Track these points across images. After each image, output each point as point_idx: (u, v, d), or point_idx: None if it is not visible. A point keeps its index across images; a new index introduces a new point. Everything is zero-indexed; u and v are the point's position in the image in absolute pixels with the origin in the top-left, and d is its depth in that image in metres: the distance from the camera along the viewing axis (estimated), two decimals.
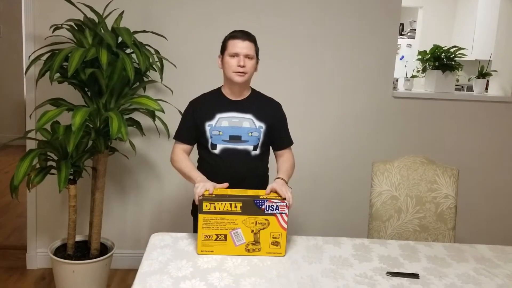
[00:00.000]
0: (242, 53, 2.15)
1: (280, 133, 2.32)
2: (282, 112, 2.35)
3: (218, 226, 1.91)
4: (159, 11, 3.13)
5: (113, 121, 2.46)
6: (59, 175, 2.55)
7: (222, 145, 2.21)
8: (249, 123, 2.22)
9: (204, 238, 1.92)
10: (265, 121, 2.25)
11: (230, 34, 2.21)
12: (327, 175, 3.42)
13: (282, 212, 1.90)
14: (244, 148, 2.22)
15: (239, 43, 2.15)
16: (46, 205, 3.28)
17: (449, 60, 3.52)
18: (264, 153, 2.31)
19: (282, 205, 1.90)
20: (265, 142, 2.27)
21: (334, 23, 3.25)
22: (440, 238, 2.46)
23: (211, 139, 2.21)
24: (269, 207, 1.90)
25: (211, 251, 1.93)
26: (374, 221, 2.47)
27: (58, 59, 2.50)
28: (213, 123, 2.20)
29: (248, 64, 2.17)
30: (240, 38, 2.16)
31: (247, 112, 2.23)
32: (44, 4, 3.04)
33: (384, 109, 3.38)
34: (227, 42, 2.19)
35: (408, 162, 2.53)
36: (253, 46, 2.20)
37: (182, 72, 3.14)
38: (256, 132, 2.23)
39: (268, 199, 1.90)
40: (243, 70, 2.15)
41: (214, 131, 2.20)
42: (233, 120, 2.21)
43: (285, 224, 1.90)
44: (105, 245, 3.03)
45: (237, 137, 2.21)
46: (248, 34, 2.20)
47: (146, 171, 3.29)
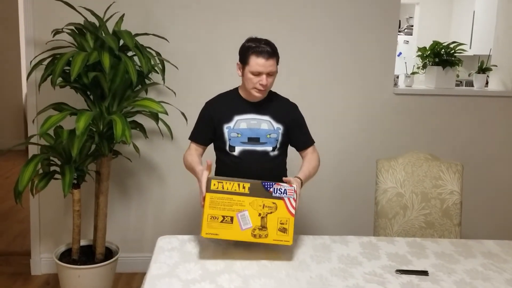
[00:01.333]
0: (265, 72, 2.10)
1: (299, 134, 2.31)
2: (299, 113, 2.34)
3: (225, 207, 1.87)
4: (159, 13, 3.12)
5: (117, 124, 2.46)
6: (63, 179, 2.55)
7: (240, 147, 2.20)
8: (267, 125, 2.21)
9: (210, 219, 1.86)
10: (283, 122, 2.24)
11: (253, 47, 2.09)
12: (330, 172, 3.42)
13: (290, 196, 1.90)
14: (263, 150, 2.22)
15: (263, 62, 2.07)
16: (49, 210, 3.27)
17: (449, 56, 3.53)
18: (282, 153, 2.31)
19: (290, 189, 1.91)
20: (283, 143, 2.27)
21: (334, 21, 3.25)
22: (446, 234, 2.47)
23: (229, 141, 2.20)
24: (277, 190, 1.90)
25: (216, 234, 1.86)
26: (380, 218, 2.48)
27: (60, 64, 2.49)
28: (231, 125, 2.19)
29: (269, 81, 2.13)
30: (264, 56, 2.07)
31: (265, 113, 2.22)
32: (43, 8, 3.03)
33: (386, 106, 3.38)
34: (249, 57, 2.09)
35: (413, 159, 2.53)
36: (275, 61, 2.13)
37: (184, 74, 3.14)
38: (275, 133, 2.22)
39: (276, 182, 1.91)
40: (264, 88, 2.14)
41: (233, 133, 2.19)
42: (251, 122, 2.20)
43: (293, 210, 1.90)
44: (110, 249, 3.03)
45: (256, 139, 2.20)
46: (271, 49, 2.10)
47: (149, 173, 3.29)
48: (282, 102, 2.31)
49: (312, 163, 2.27)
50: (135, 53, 2.64)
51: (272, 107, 2.24)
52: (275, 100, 2.29)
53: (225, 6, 3.16)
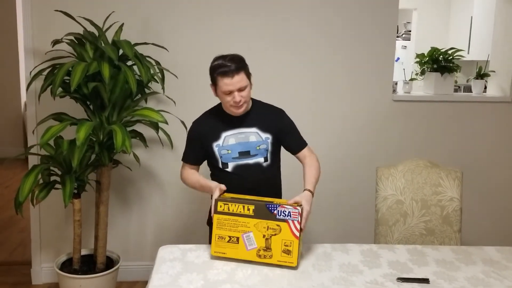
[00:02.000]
0: (235, 89, 2.08)
1: (290, 139, 2.30)
2: (286, 118, 2.32)
3: (231, 228, 1.94)
4: (158, 22, 3.13)
5: (117, 134, 2.46)
6: (64, 190, 2.55)
7: (233, 163, 2.21)
8: (255, 137, 2.22)
9: (218, 239, 1.96)
10: (270, 131, 2.24)
11: (217, 68, 2.09)
12: (329, 179, 3.41)
13: (294, 219, 1.90)
14: (255, 162, 2.22)
15: (229, 81, 2.06)
16: (49, 220, 3.27)
17: (447, 62, 3.54)
18: (275, 161, 2.31)
19: (295, 211, 1.90)
20: (274, 151, 2.28)
21: (332, 27, 3.26)
22: (447, 241, 2.47)
23: (221, 159, 2.21)
24: (281, 212, 1.90)
25: (224, 253, 1.96)
26: (381, 226, 2.48)
27: (60, 74, 2.50)
28: (220, 143, 2.20)
29: (243, 95, 2.10)
30: (228, 75, 2.05)
31: (251, 125, 2.22)
32: (42, 19, 3.04)
33: (385, 112, 3.39)
34: (216, 78, 2.10)
35: (412, 166, 2.54)
36: (244, 75, 2.10)
37: (183, 83, 3.15)
38: (264, 144, 2.23)
39: (281, 205, 1.91)
40: (239, 104, 2.11)
41: (223, 150, 2.20)
42: (239, 136, 2.20)
43: (297, 232, 1.90)
44: (111, 258, 3.03)
45: (246, 153, 2.20)
46: (236, 64, 2.07)
47: (149, 182, 3.29)
48: (267, 110, 2.29)
49: (314, 166, 2.24)
50: (135, 63, 2.65)
51: (257, 118, 2.23)
52: (259, 109, 2.27)
53: (225, 15, 3.17)
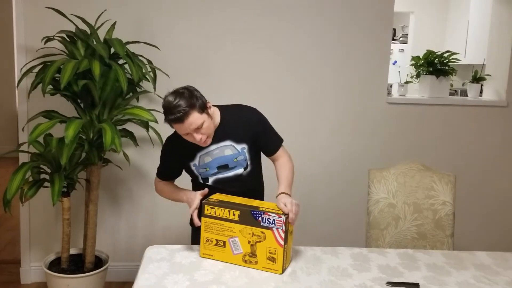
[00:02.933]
0: (191, 131, 1.97)
1: (265, 138, 2.20)
2: (260, 118, 2.18)
3: (218, 232, 1.94)
4: (151, 21, 3.11)
5: (106, 133, 2.44)
6: (52, 188, 2.52)
7: (213, 177, 2.16)
8: (231, 149, 2.13)
9: (206, 242, 1.96)
10: (245, 140, 2.15)
11: (166, 114, 1.96)
12: (322, 181, 3.40)
13: (278, 227, 1.86)
14: (235, 174, 2.16)
15: (180, 126, 1.96)
16: (39, 218, 3.24)
17: (443, 65, 3.52)
18: (256, 165, 2.24)
19: (279, 220, 1.85)
20: (253, 157, 2.20)
21: (327, 29, 3.24)
22: (439, 246, 2.45)
23: (201, 175, 2.17)
24: (266, 219, 1.87)
25: (212, 255, 1.96)
26: (372, 229, 2.45)
27: (50, 71, 2.48)
28: (197, 162, 2.14)
29: (203, 131, 1.99)
30: (178, 121, 1.94)
31: (225, 139, 2.12)
32: (35, 16, 3.02)
33: (379, 115, 3.37)
34: (171, 125, 2.00)
35: (405, 169, 2.52)
36: (195, 113, 1.94)
37: (175, 82, 3.10)
38: (241, 155, 2.15)
39: (265, 211, 1.88)
40: (202, 140, 2.01)
41: (201, 169, 2.15)
42: (214, 152, 2.12)
43: (281, 241, 1.86)
44: (100, 258, 3.00)
45: (225, 166, 2.15)
46: (180, 109, 1.91)
47: (140, 181, 3.26)
48: (237, 117, 2.15)
49: (287, 167, 2.16)
50: (126, 61, 2.62)
51: (229, 130, 2.12)
52: (229, 119, 2.14)
53: (218, 14, 3.15)
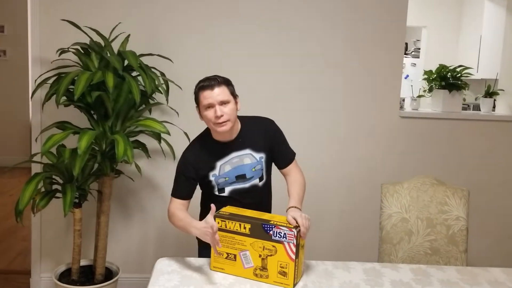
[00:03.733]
0: (216, 102, 2.00)
1: (281, 151, 2.23)
2: (277, 129, 2.22)
3: (228, 245, 1.92)
4: (164, 34, 3.13)
5: (118, 144, 2.44)
6: (64, 198, 2.53)
7: (230, 187, 2.16)
8: (250, 159, 2.15)
9: (216, 255, 1.95)
10: (264, 149, 2.17)
11: (199, 84, 2.06)
12: (334, 195, 3.38)
13: (289, 241, 1.84)
14: (252, 185, 2.17)
15: (209, 93, 2.00)
16: (50, 229, 3.25)
17: (455, 80, 3.51)
18: (269, 177, 2.27)
19: (290, 233, 1.84)
20: (268, 168, 2.23)
21: (339, 43, 3.25)
22: (452, 261, 2.41)
23: (218, 185, 2.16)
24: (277, 233, 1.85)
25: (222, 268, 1.95)
26: (385, 244, 2.43)
27: (64, 83, 2.50)
28: (217, 172, 2.13)
29: (226, 110, 2.01)
30: (208, 87, 2.01)
31: (244, 147, 2.15)
32: (50, 28, 3.06)
33: (391, 129, 3.35)
34: (198, 95, 2.05)
35: (418, 184, 2.49)
36: (226, 89, 2.03)
37: (188, 94, 3.11)
38: (259, 165, 2.17)
39: (276, 225, 1.86)
40: (222, 120, 2.01)
41: (220, 179, 2.14)
42: (234, 161, 2.13)
43: (293, 255, 1.84)
44: (110, 270, 2.99)
45: (242, 176, 2.15)
46: (216, 79, 2.03)
47: (151, 193, 3.26)
48: (256, 126, 2.19)
49: (298, 182, 2.17)
50: (139, 73, 2.64)
51: (248, 138, 2.15)
52: (248, 128, 2.17)
53: (230, 28, 3.17)
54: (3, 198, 5.41)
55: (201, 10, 3.14)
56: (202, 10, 3.14)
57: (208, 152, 2.13)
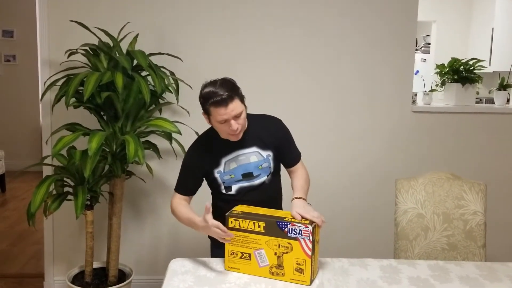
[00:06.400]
0: (231, 117, 1.94)
1: (288, 150, 2.22)
2: (284, 128, 2.21)
3: (243, 244, 1.90)
4: (173, 33, 3.11)
5: (129, 145, 2.43)
6: (76, 201, 2.51)
7: (237, 185, 2.14)
8: (256, 156, 2.12)
9: (230, 255, 1.93)
10: (271, 147, 2.15)
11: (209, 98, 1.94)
12: (346, 193, 3.34)
13: (305, 238, 1.82)
14: (259, 183, 2.15)
15: (223, 110, 1.92)
16: (63, 232, 3.24)
17: (468, 73, 3.45)
18: (277, 174, 2.25)
19: (306, 230, 1.81)
20: (276, 166, 2.21)
21: (350, 38, 3.21)
22: (470, 257, 2.36)
23: (224, 184, 2.14)
24: (292, 230, 1.83)
25: (237, 268, 1.92)
26: (400, 240, 2.39)
27: (73, 84, 2.49)
28: (222, 169, 2.11)
29: (240, 121, 1.98)
30: (222, 104, 1.91)
31: (250, 145, 2.12)
32: (59, 30, 3.05)
33: (404, 124, 3.31)
34: (209, 109, 1.96)
35: (433, 178, 2.45)
36: (238, 101, 1.95)
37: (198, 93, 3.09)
38: (266, 162, 2.14)
39: (291, 222, 1.83)
40: (237, 132, 1.99)
41: (225, 176, 2.12)
42: (239, 158, 2.11)
43: (309, 251, 1.82)
44: (123, 272, 2.97)
45: (249, 174, 2.13)
46: (227, 92, 1.92)
47: (163, 194, 3.24)
48: (264, 124, 2.17)
49: (303, 177, 2.17)
50: (149, 73, 2.62)
51: (255, 136, 2.12)
52: (256, 126, 2.14)
53: (241, 25, 3.15)
54: (15, 202, 5.43)
55: (210, 8, 3.11)
56: (211, 8, 3.12)
57: (213, 148, 2.12)
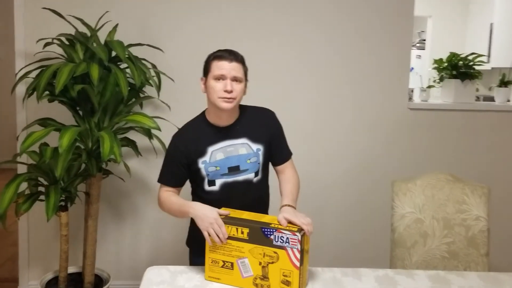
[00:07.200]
0: (229, 76, 1.87)
1: (278, 146, 2.06)
2: (277, 122, 2.08)
3: (225, 252, 1.73)
4: (156, 24, 2.93)
5: (104, 141, 2.24)
6: (47, 201, 2.32)
7: (221, 180, 1.96)
8: (246, 149, 1.96)
9: (211, 263, 1.76)
10: (262, 141, 1.99)
11: (215, 53, 1.93)
12: (338, 195, 3.18)
13: (293, 247, 1.64)
14: (245, 179, 1.97)
15: (226, 64, 1.87)
16: (39, 234, 3.06)
17: (468, 68, 3.29)
18: (266, 175, 2.07)
19: (294, 238, 1.64)
20: (265, 163, 2.04)
21: (346, 32, 3.06)
22: (473, 266, 2.20)
23: (208, 176, 1.96)
24: (278, 238, 1.65)
25: (218, 278, 1.76)
26: (397, 248, 2.22)
27: (45, 76, 2.30)
28: (207, 159, 1.94)
29: (236, 88, 1.88)
30: (227, 58, 1.88)
31: (241, 135, 1.97)
32: (36, 19, 2.86)
33: (400, 121, 3.15)
34: (211, 63, 1.91)
35: (432, 181, 2.28)
36: (242, 68, 1.92)
37: (180, 87, 2.93)
38: (255, 157, 1.98)
39: (278, 229, 1.66)
40: (230, 96, 1.86)
41: (210, 167, 1.94)
42: (227, 149, 1.94)
43: (297, 262, 1.64)
44: (100, 277, 2.80)
45: (236, 168, 1.95)
46: (235, 54, 1.92)
47: (144, 194, 3.07)
48: (256, 115, 2.04)
49: (292, 182, 2.01)
50: (128, 65, 2.44)
51: (246, 126, 1.99)
52: (248, 116, 2.02)
53: (225, 17, 2.97)
54: None
55: None
56: None
57: (200, 135, 1.96)
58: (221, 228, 1.71)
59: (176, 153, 1.96)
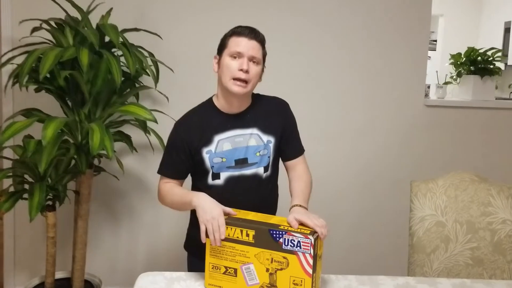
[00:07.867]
0: (247, 54, 1.70)
1: (290, 139, 1.87)
2: (291, 113, 1.91)
3: (228, 257, 1.54)
4: (154, 9, 2.76)
5: (94, 134, 2.04)
6: (30, 200, 2.13)
7: (226, 173, 1.76)
8: (256, 140, 1.77)
9: (212, 269, 1.58)
10: (273, 132, 1.80)
11: (234, 29, 1.76)
12: (352, 196, 3.02)
13: (305, 251, 1.44)
14: (253, 173, 1.77)
15: (244, 41, 1.70)
16: (25, 236, 2.88)
17: (487, 64, 3.09)
18: (275, 173, 1.88)
19: (306, 241, 1.44)
20: (275, 158, 1.85)
21: (361, 28, 2.92)
22: (498, 274, 2.00)
23: (213, 169, 1.75)
24: (288, 241, 1.45)
25: (220, 286, 1.58)
26: (416, 253, 2.01)
27: (29, 62, 2.11)
28: (213, 148, 1.74)
29: (253, 70, 1.71)
30: (247, 35, 1.71)
31: (251, 125, 1.78)
32: (24, 4, 2.69)
33: (416, 119, 2.99)
34: (228, 39, 1.74)
35: (455, 181, 2.08)
36: (261, 49, 1.75)
37: (180, 77, 2.75)
38: (265, 149, 1.78)
39: (288, 231, 1.45)
40: (245, 77, 1.69)
41: (216, 158, 1.74)
42: (236, 139, 1.75)
43: (309, 268, 1.44)
44: (91, 283, 2.61)
45: (243, 160, 1.76)
46: (256, 32, 1.75)
47: (140, 193, 2.90)
48: (269, 105, 1.86)
49: (304, 180, 1.82)
50: (122, 52, 2.24)
51: (258, 115, 1.81)
52: (260, 104, 1.85)
53: (229, 4, 2.81)
54: None
55: None
56: None
57: (206, 122, 1.76)
58: (221, 228, 1.51)
59: (178, 141, 1.76)
